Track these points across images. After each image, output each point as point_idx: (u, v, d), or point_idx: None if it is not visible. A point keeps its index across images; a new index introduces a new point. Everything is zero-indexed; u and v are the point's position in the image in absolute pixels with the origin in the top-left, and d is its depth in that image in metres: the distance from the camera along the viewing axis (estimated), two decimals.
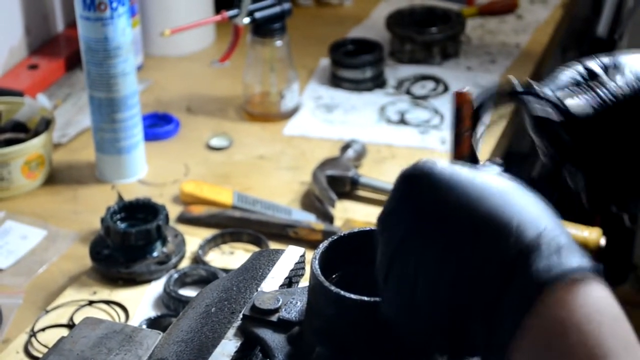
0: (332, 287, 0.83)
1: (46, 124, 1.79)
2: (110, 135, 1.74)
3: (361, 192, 1.74)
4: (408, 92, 2.07)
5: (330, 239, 0.90)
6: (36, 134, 1.77)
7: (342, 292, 0.83)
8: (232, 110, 2.05)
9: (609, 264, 2.56)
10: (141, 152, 1.80)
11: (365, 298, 0.82)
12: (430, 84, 2.11)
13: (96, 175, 1.81)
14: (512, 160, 2.15)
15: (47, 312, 1.42)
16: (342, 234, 0.90)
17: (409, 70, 2.16)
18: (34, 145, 1.74)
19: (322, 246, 0.89)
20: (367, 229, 0.91)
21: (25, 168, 1.74)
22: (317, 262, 0.87)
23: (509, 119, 2.00)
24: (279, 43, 1.96)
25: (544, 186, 2.40)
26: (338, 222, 1.64)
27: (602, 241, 1.54)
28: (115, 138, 1.75)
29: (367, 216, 1.67)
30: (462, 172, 0.77)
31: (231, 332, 0.90)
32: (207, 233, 1.61)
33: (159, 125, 1.97)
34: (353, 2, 2.51)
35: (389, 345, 0.83)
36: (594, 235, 1.53)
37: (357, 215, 1.68)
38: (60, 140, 1.90)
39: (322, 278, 0.84)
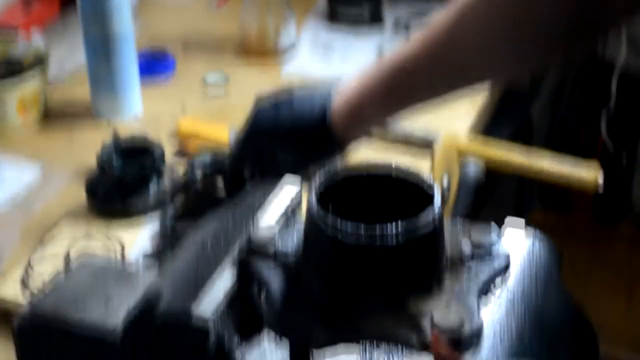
0: (329, 219, 0.83)
1: (41, 62, 1.77)
2: (106, 72, 1.73)
3: None
4: (406, 28, 2.05)
5: (327, 175, 0.89)
6: (31, 71, 1.75)
7: (339, 224, 0.82)
8: (229, 49, 2.03)
9: (607, 203, 2.58)
10: (137, 90, 1.78)
11: (362, 241, 0.82)
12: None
13: (92, 114, 1.80)
14: (510, 100, 2.14)
15: (43, 247, 1.42)
16: (338, 168, 0.90)
17: (407, 8, 2.14)
18: (29, 83, 1.73)
19: (319, 182, 0.88)
20: (364, 165, 0.91)
21: (20, 105, 1.73)
22: (314, 197, 0.86)
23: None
24: None
25: (541, 125, 2.40)
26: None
27: (600, 177, 1.53)
28: (111, 75, 1.73)
29: (363, 154, 1.65)
30: None
31: (228, 265, 0.90)
32: None
33: (154, 62, 1.96)
34: None
35: (385, 276, 0.83)
36: (591, 171, 1.53)
37: (354, 153, 1.67)
38: (55, 78, 1.89)
39: (318, 214, 0.84)
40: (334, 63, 1.96)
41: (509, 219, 0.94)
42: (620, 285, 2.70)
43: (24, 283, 1.35)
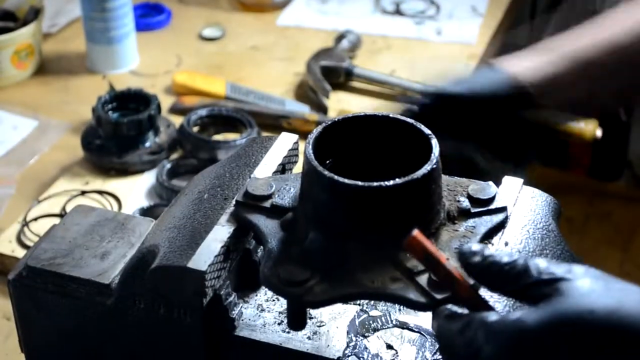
0: (326, 172, 0.82)
1: (35, 13, 1.76)
2: (101, 24, 1.72)
3: (355, 83, 1.73)
4: None
5: (323, 125, 0.88)
6: (25, 23, 1.74)
7: (336, 177, 0.81)
8: (225, 0, 2.02)
9: (605, 159, 2.57)
10: (132, 42, 1.77)
11: (359, 183, 0.81)
12: None
13: (87, 66, 1.78)
14: (509, 53, 2.13)
15: (39, 202, 1.42)
16: (336, 119, 0.89)
17: None
18: (23, 35, 1.71)
19: (316, 131, 0.87)
20: (361, 114, 0.90)
21: (15, 58, 1.71)
22: (310, 147, 0.85)
23: (507, 8, 1.97)
24: None
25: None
26: (332, 113, 1.62)
27: (598, 132, 1.52)
28: (106, 27, 1.72)
29: (361, 107, 1.65)
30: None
31: (224, 218, 0.89)
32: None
33: (150, 15, 1.94)
34: None
35: (382, 230, 0.82)
36: (590, 126, 1.52)
37: (351, 106, 1.67)
38: (50, 29, 1.87)
39: (315, 163, 0.83)
40: (329, 15, 1.94)
41: (506, 179, 0.93)
42: (616, 241, 2.71)
43: (20, 240, 1.34)
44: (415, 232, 0.76)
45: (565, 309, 0.68)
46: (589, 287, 0.69)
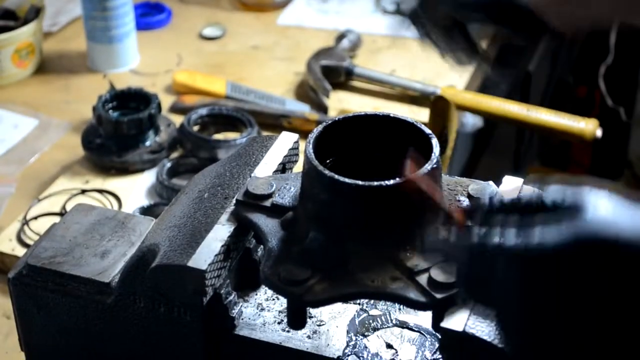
0: (327, 172, 0.82)
1: (36, 12, 1.76)
2: (102, 23, 1.71)
3: (356, 83, 1.72)
4: None
5: (324, 124, 0.88)
6: (26, 22, 1.74)
7: (337, 176, 0.82)
8: (226, 0, 2.02)
9: (605, 159, 2.56)
10: (133, 41, 1.77)
11: (360, 182, 0.81)
12: None
13: (87, 65, 1.78)
14: (509, 52, 2.13)
15: (40, 200, 1.41)
16: (336, 119, 0.89)
17: None
18: (24, 33, 1.71)
19: (317, 131, 0.87)
20: (362, 113, 0.90)
21: (16, 56, 1.71)
22: (311, 146, 0.85)
23: None
24: None
25: (539, 81, 2.38)
26: (332, 113, 1.62)
27: (599, 132, 1.52)
28: (107, 26, 1.72)
29: (361, 107, 1.65)
30: None
31: (224, 217, 0.89)
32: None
33: (150, 14, 1.94)
34: None
35: (382, 229, 0.82)
36: (590, 126, 1.52)
37: (351, 105, 1.67)
38: (50, 28, 1.87)
39: (316, 162, 0.83)
40: (329, 14, 1.95)
41: (506, 178, 0.93)
42: None
43: (20, 238, 1.34)
44: (411, 174, 0.75)
45: (588, 230, 0.66)
46: (612, 210, 0.67)
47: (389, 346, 0.92)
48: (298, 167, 0.94)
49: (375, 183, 0.81)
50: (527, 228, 0.68)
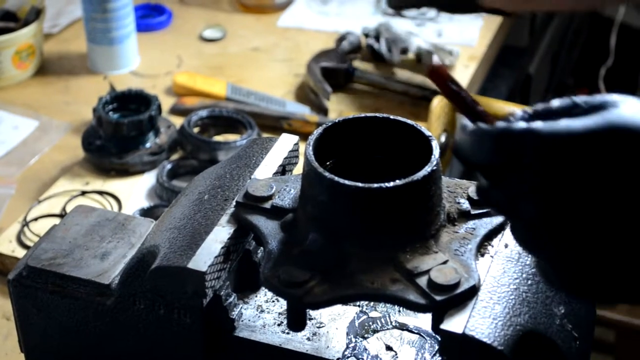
0: (327, 173, 0.82)
1: (36, 14, 1.76)
2: (102, 25, 1.72)
3: (356, 85, 1.73)
4: None
5: (324, 126, 0.88)
6: (26, 23, 1.74)
7: (337, 178, 0.82)
8: (226, 1, 2.02)
9: None
10: (133, 43, 1.77)
11: (360, 184, 0.81)
12: None
13: (88, 66, 1.78)
14: (509, 54, 2.13)
15: (40, 202, 1.42)
16: (336, 121, 0.89)
17: None
18: (25, 35, 1.71)
19: (317, 133, 0.87)
20: (362, 115, 0.90)
21: (16, 58, 1.72)
22: (311, 148, 0.85)
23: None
24: None
25: (539, 82, 2.38)
26: (332, 115, 1.62)
27: None
28: (107, 28, 1.72)
29: (361, 109, 1.65)
30: None
31: (224, 219, 0.89)
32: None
33: (151, 16, 1.94)
34: None
35: (382, 231, 0.82)
36: None
37: (351, 107, 1.67)
38: (51, 30, 1.88)
39: (316, 164, 0.83)
40: (330, 16, 1.95)
41: None
42: None
43: (20, 240, 1.34)
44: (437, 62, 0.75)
45: (616, 118, 0.66)
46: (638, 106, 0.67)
47: (389, 348, 0.92)
48: (298, 169, 0.94)
49: (375, 185, 0.81)
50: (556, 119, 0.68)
